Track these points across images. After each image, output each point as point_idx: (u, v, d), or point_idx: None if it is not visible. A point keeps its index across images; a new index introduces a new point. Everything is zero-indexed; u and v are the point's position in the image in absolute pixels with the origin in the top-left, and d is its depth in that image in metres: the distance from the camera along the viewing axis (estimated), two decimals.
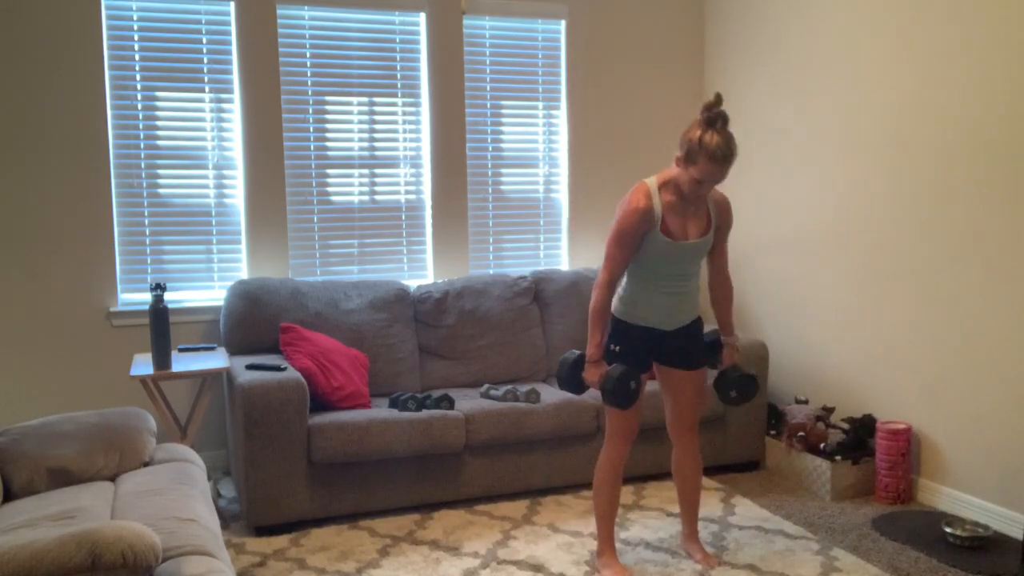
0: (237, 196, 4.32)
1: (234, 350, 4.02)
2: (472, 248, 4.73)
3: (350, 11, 4.40)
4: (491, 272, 4.77)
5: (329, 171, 4.45)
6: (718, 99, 2.77)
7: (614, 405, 2.93)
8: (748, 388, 3.13)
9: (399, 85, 4.53)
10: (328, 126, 4.43)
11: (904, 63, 3.76)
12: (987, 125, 3.40)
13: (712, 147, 2.74)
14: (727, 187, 4.92)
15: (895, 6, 3.79)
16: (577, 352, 3.08)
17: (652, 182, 2.94)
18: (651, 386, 3.83)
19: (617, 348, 3.04)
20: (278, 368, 3.60)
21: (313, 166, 4.43)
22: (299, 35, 4.34)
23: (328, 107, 4.43)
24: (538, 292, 4.52)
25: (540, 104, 4.81)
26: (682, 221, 2.94)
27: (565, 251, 4.92)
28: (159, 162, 4.18)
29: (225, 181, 4.29)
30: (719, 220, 3.03)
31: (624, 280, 3.06)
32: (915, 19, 3.69)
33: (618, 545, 3.39)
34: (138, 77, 4.11)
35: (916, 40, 3.69)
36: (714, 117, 2.77)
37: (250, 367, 3.64)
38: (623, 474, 3.20)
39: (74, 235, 4.05)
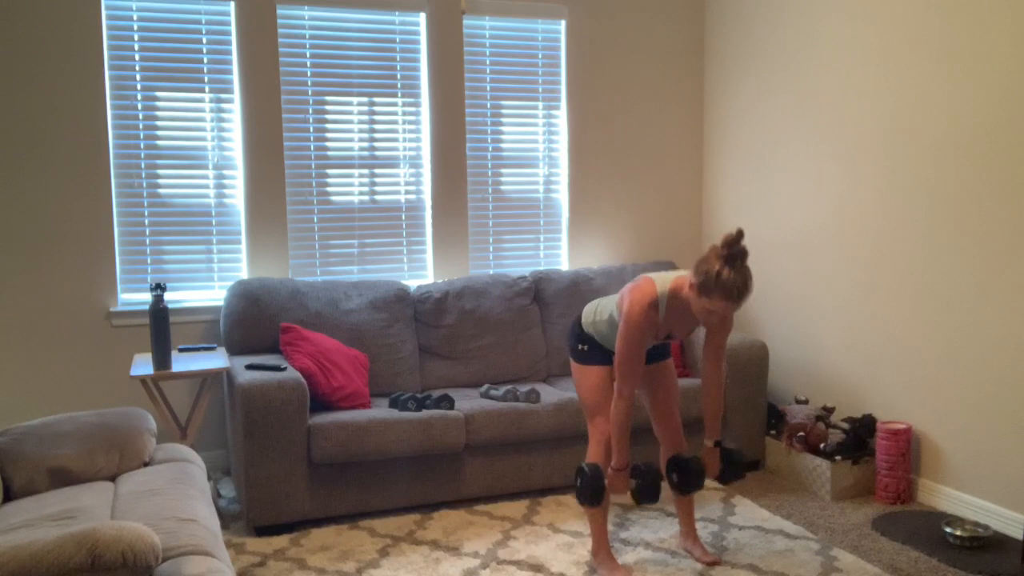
0: (237, 196, 4.32)
1: (234, 350, 4.02)
2: (472, 248, 4.73)
3: (350, 11, 4.40)
4: (491, 272, 4.77)
5: (329, 171, 4.45)
6: (739, 234, 2.69)
7: (649, 501, 3.04)
8: (689, 473, 3.12)
9: (399, 85, 4.53)
10: (328, 126, 4.43)
11: (903, 64, 3.76)
12: (986, 125, 3.40)
13: (729, 284, 2.67)
14: (728, 190, 4.92)
15: (894, 7, 3.79)
16: (592, 464, 3.09)
17: (662, 290, 2.88)
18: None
19: (585, 347, 3.13)
20: (278, 368, 3.60)
21: (313, 166, 4.42)
22: (299, 35, 4.34)
23: (328, 107, 4.43)
24: (538, 292, 4.52)
25: (540, 104, 4.81)
26: (678, 323, 2.97)
27: (565, 251, 4.92)
28: (159, 162, 4.18)
29: (225, 181, 4.29)
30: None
31: (594, 315, 3.11)
32: (914, 20, 3.69)
33: (617, 544, 3.39)
34: (138, 77, 4.11)
35: (915, 41, 3.69)
36: (735, 255, 2.69)
37: (250, 367, 3.64)
38: None
39: (74, 235, 4.05)
